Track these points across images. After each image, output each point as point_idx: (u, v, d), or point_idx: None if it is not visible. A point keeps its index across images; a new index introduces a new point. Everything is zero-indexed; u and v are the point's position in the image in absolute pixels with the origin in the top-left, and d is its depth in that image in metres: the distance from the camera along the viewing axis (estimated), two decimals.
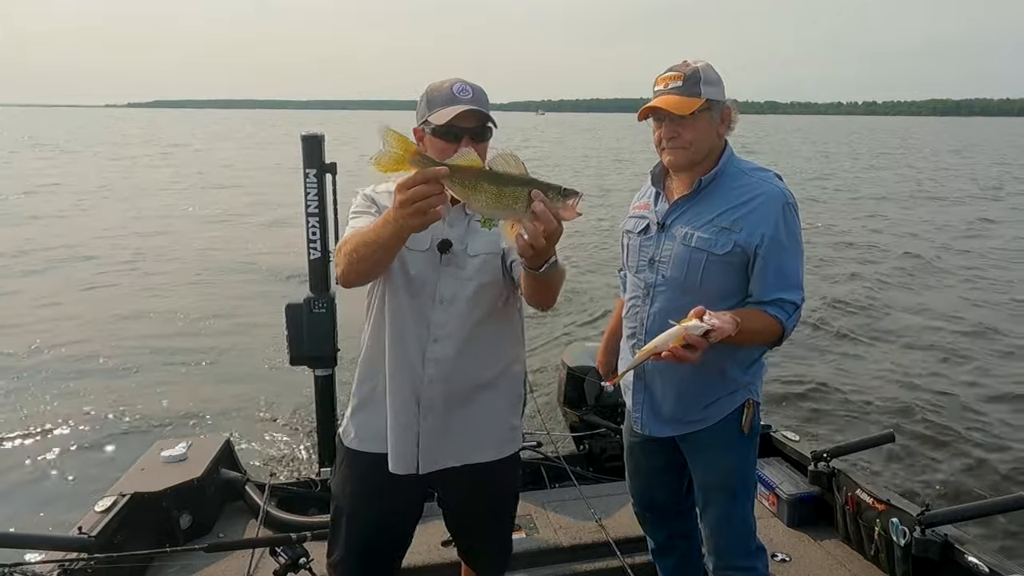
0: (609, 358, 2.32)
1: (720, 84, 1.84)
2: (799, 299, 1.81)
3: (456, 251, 1.67)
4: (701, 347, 1.59)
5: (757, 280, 1.81)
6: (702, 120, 1.81)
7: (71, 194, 18.55)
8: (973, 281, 10.32)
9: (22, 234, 12.59)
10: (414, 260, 1.65)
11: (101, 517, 2.55)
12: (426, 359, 1.67)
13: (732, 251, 1.80)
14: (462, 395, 1.72)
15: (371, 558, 1.81)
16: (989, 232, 14.62)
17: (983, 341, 7.59)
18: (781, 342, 1.83)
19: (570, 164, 31.63)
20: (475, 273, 1.68)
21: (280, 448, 4.92)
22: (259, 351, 6.65)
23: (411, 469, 1.71)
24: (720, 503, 1.97)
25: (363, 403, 1.78)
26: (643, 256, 1.96)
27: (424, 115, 1.63)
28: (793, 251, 1.82)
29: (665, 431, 1.99)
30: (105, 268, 10.23)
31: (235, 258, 10.91)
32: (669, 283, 1.88)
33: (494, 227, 1.67)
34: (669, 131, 1.84)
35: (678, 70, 1.82)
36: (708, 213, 1.85)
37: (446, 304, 1.66)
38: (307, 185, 3.06)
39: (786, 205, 1.81)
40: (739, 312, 1.73)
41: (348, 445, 1.80)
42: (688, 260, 1.84)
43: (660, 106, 1.80)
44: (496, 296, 1.71)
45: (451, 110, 1.57)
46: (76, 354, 6.75)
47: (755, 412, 1.93)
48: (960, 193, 21.65)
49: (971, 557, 2.25)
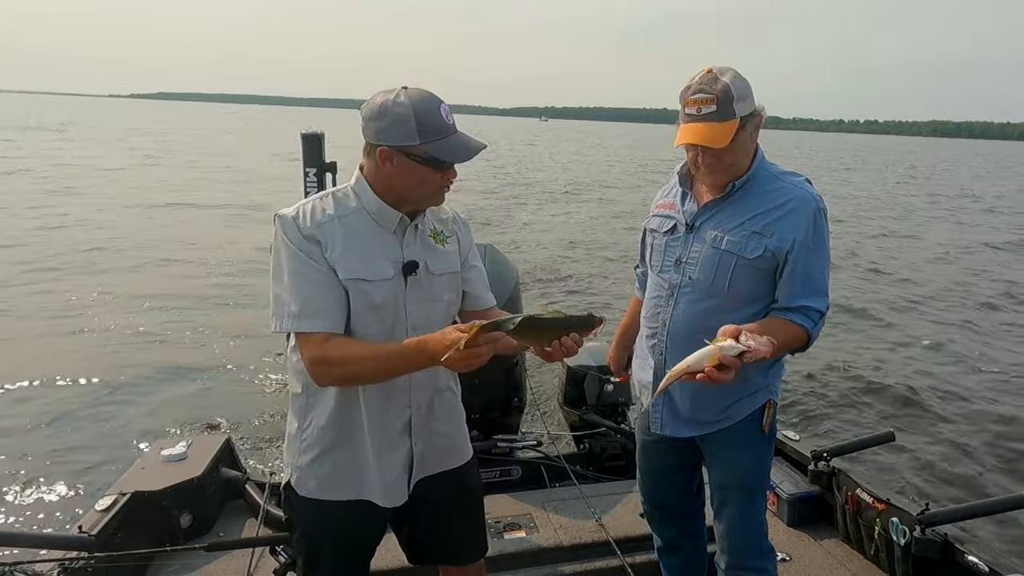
0: (620, 354, 2.30)
1: (750, 93, 1.76)
2: (824, 307, 1.79)
3: (421, 272, 1.61)
4: (736, 368, 1.55)
5: (785, 285, 1.79)
6: (740, 140, 1.75)
7: (73, 193, 18.54)
8: (973, 281, 10.32)
9: (25, 230, 12.59)
10: (378, 289, 1.55)
11: (101, 516, 2.55)
12: (412, 387, 1.64)
13: (762, 256, 1.77)
14: (442, 409, 1.73)
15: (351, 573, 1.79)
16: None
17: (984, 341, 7.59)
18: (805, 350, 1.82)
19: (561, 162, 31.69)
20: (441, 292, 1.66)
21: (280, 447, 4.90)
22: (259, 350, 6.66)
23: (404, 499, 1.70)
24: (737, 502, 1.97)
25: (328, 450, 1.63)
26: (669, 256, 1.93)
27: (412, 140, 1.48)
28: (821, 257, 1.79)
29: (684, 432, 1.98)
30: (105, 268, 10.23)
31: (235, 258, 10.94)
32: (695, 285, 1.86)
33: (446, 243, 1.69)
34: (708, 158, 1.78)
35: (709, 91, 1.70)
36: (739, 216, 1.81)
37: (420, 330, 1.57)
38: (307, 184, 3.06)
39: (818, 211, 1.78)
40: (766, 325, 1.71)
41: (306, 495, 1.66)
42: (717, 263, 1.82)
43: (698, 142, 1.73)
44: (456, 311, 1.72)
45: (464, 151, 1.53)
46: (76, 354, 6.76)
47: (774, 412, 1.94)
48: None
49: (971, 556, 2.25)
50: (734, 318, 1.74)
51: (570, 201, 19.90)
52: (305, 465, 1.65)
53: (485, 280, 1.79)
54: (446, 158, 1.52)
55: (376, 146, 1.52)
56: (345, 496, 1.66)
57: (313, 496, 1.66)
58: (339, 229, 1.55)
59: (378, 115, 1.49)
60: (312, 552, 1.71)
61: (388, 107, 1.48)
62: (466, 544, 1.90)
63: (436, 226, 1.69)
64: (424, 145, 1.49)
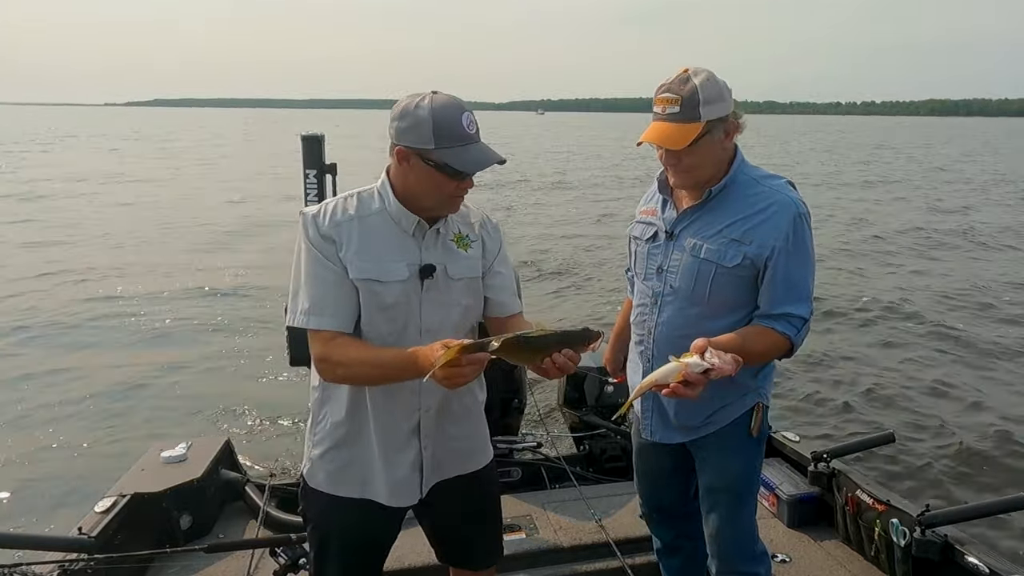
0: (616, 355, 2.30)
1: (722, 98, 1.73)
2: (807, 313, 1.77)
3: (438, 275, 1.61)
4: (701, 384, 1.56)
5: (766, 292, 1.77)
6: (704, 144, 1.72)
7: (73, 195, 18.55)
8: (973, 283, 10.32)
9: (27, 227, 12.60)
10: (390, 290, 1.57)
11: (101, 517, 2.55)
12: (422, 390, 1.62)
13: (742, 264, 1.75)
14: (456, 412, 1.71)
15: (357, 572, 1.78)
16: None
17: (984, 341, 7.59)
18: (790, 356, 1.80)
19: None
20: (459, 297, 1.64)
21: (280, 448, 4.91)
22: (259, 351, 6.66)
23: (414, 500, 1.70)
24: (725, 506, 1.96)
25: (337, 445, 1.66)
26: (651, 264, 1.93)
27: (428, 143, 1.50)
28: (804, 263, 1.76)
29: (675, 438, 1.98)
30: (105, 267, 10.24)
31: (235, 257, 10.94)
32: (677, 293, 1.85)
33: (469, 248, 1.67)
34: (670, 159, 1.78)
35: (676, 92, 1.70)
36: (717, 224, 1.79)
37: (433, 333, 1.58)
38: (307, 186, 3.06)
39: (798, 216, 1.74)
40: (744, 335, 1.71)
41: (316, 487, 1.71)
42: (696, 272, 1.80)
43: (652, 141, 1.73)
44: (477, 317, 1.71)
45: (478, 161, 1.52)
46: (76, 353, 6.76)
47: (764, 415, 1.92)
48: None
49: (971, 557, 2.25)
50: (717, 326, 1.74)
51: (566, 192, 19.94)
52: (316, 457, 1.70)
53: (512, 287, 1.76)
54: (457, 166, 1.51)
55: (395, 145, 1.56)
56: (350, 493, 1.68)
57: (322, 489, 1.70)
58: (356, 229, 1.58)
59: (400, 116, 1.52)
60: (323, 544, 1.75)
61: (410, 109, 1.51)
62: (482, 549, 1.91)
63: (462, 230, 1.68)
64: (439, 151, 1.50)
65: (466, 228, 1.70)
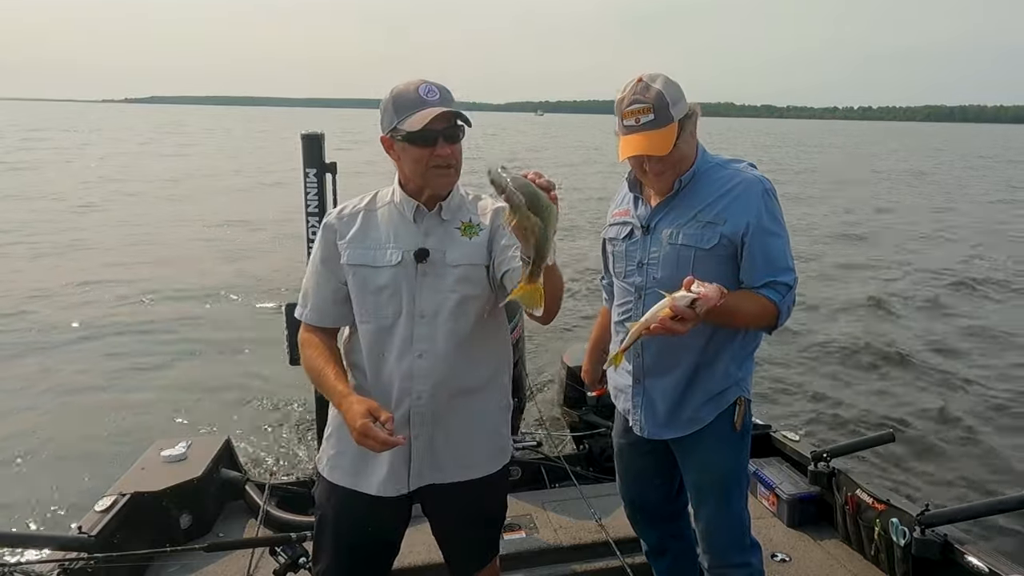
0: (595, 367, 2.32)
1: (682, 95, 1.79)
2: (791, 280, 1.80)
3: (434, 260, 1.61)
4: (690, 318, 1.57)
5: (747, 268, 1.81)
6: (680, 144, 1.80)
7: (75, 193, 18.54)
8: (973, 284, 10.33)
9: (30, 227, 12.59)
10: (380, 274, 1.62)
11: (101, 517, 2.55)
12: (414, 375, 1.63)
13: (719, 244, 1.80)
14: (452, 407, 1.69)
15: (359, 567, 1.77)
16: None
17: (984, 341, 7.59)
18: (778, 324, 1.82)
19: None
20: (456, 284, 1.63)
21: (280, 448, 4.91)
22: (259, 351, 6.65)
23: (401, 490, 1.69)
24: (713, 502, 1.97)
25: (339, 428, 1.69)
26: (631, 261, 1.95)
27: (392, 122, 1.56)
28: (778, 235, 1.81)
29: (665, 434, 1.99)
30: (104, 267, 10.23)
31: (235, 257, 10.94)
32: (660, 284, 1.86)
33: (475, 236, 1.65)
34: (656, 165, 1.82)
35: (644, 100, 1.75)
36: (690, 210, 1.85)
37: (428, 319, 1.61)
38: (307, 185, 3.06)
39: (765, 191, 1.82)
40: (735, 293, 1.72)
41: (321, 472, 1.76)
42: (677, 259, 1.84)
43: (642, 152, 1.77)
44: (481, 308, 1.67)
45: (423, 115, 1.52)
46: (76, 353, 6.76)
47: (747, 409, 1.94)
48: None
49: (971, 557, 2.25)
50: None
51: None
52: (324, 441, 1.80)
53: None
54: (407, 127, 1.54)
55: (382, 138, 1.62)
56: (343, 483, 1.71)
57: (324, 473, 1.76)
58: (360, 219, 1.69)
59: (380, 110, 1.60)
60: (321, 527, 1.79)
61: (383, 100, 1.60)
62: (466, 559, 1.89)
63: (472, 219, 1.68)
64: (401, 123, 1.56)
65: (477, 218, 1.69)
